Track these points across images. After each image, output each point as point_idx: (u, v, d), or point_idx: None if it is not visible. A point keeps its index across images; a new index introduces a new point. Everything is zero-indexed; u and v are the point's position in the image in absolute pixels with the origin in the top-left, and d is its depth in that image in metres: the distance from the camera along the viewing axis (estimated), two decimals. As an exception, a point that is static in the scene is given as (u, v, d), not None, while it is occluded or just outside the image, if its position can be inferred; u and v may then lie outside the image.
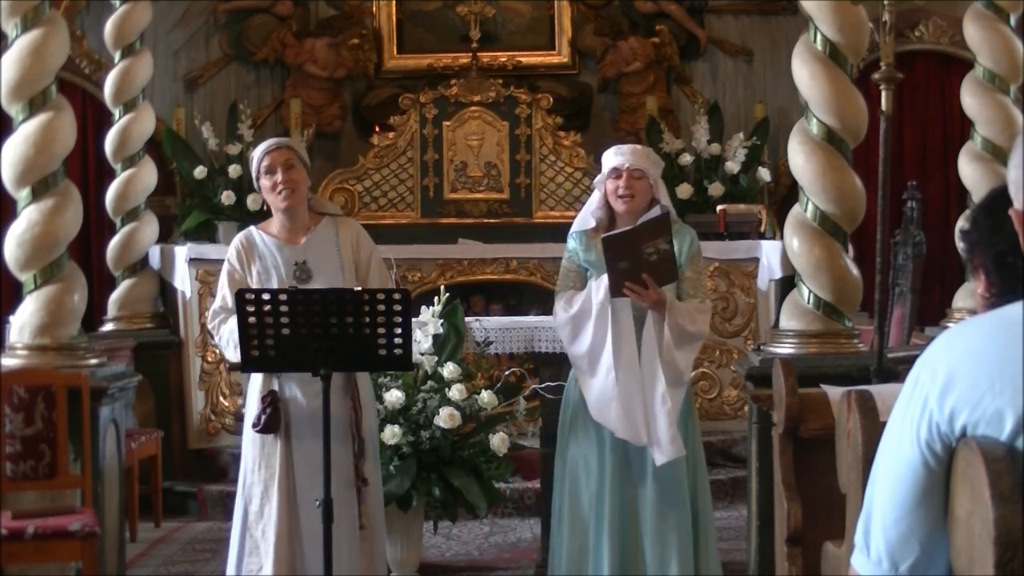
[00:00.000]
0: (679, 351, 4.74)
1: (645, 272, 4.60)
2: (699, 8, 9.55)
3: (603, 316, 4.70)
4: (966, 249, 2.11)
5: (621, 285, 4.61)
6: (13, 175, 5.70)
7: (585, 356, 4.75)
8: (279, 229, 4.81)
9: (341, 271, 4.73)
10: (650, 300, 4.66)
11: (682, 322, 4.72)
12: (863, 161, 7.33)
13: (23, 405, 5.26)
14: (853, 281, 5.42)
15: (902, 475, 1.87)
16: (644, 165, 4.81)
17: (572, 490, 4.81)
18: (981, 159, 6.80)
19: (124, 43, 8.02)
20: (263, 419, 4.61)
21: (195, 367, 8.23)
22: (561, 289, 4.91)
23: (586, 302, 4.76)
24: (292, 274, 4.72)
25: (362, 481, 4.66)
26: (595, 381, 4.73)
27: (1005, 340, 1.77)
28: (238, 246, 4.81)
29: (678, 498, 4.75)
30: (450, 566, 6.47)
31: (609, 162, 4.85)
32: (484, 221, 8.88)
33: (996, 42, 6.73)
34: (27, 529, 4.89)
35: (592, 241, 4.87)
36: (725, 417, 8.32)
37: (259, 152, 4.78)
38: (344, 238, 4.79)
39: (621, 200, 4.79)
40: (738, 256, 8.36)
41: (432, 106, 8.98)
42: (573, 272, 4.91)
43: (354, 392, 4.69)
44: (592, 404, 4.75)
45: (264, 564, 4.60)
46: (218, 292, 4.82)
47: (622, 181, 4.79)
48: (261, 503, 4.64)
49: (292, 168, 4.71)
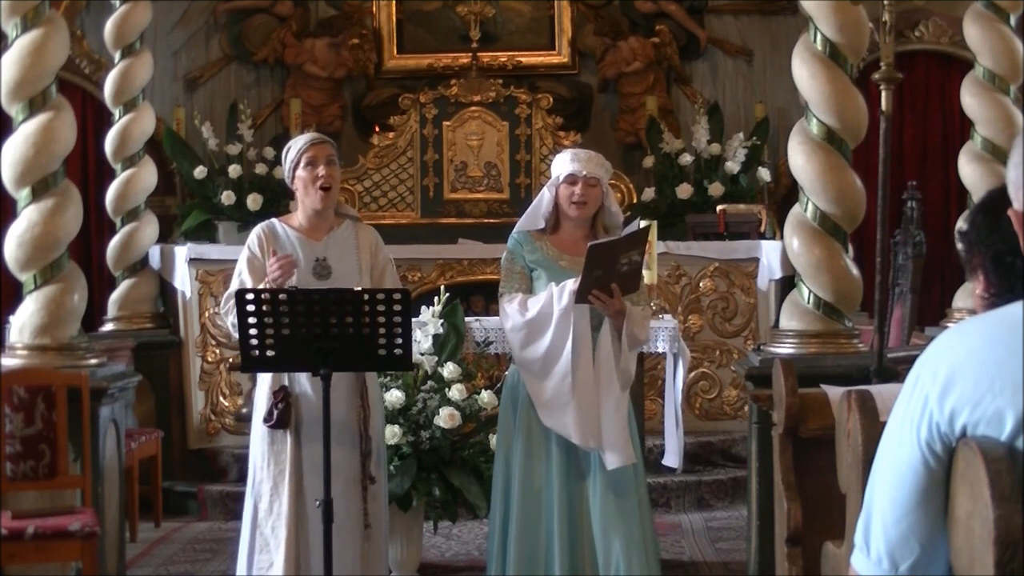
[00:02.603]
0: (631, 357, 4.78)
1: (615, 282, 4.60)
2: (699, 8, 9.55)
3: (564, 321, 4.68)
4: (965, 249, 2.11)
5: (588, 292, 4.61)
6: (13, 175, 5.70)
7: (539, 360, 4.71)
8: (302, 223, 4.81)
9: (359, 273, 4.75)
10: (613, 309, 4.66)
11: (636, 331, 4.74)
12: (863, 161, 7.33)
13: (23, 405, 5.26)
14: (853, 281, 5.43)
15: (902, 475, 1.87)
16: (599, 173, 4.82)
17: (523, 491, 4.78)
18: (981, 159, 6.80)
19: (124, 43, 8.02)
20: (275, 414, 4.61)
21: (195, 367, 8.24)
22: (507, 291, 4.84)
23: (546, 306, 4.71)
24: (312, 269, 4.73)
25: (369, 479, 4.67)
26: (548, 384, 4.70)
27: (1005, 340, 1.77)
28: (260, 234, 4.79)
29: (624, 498, 4.73)
30: (450, 566, 6.47)
31: (565, 168, 4.83)
32: (484, 221, 8.88)
33: (996, 42, 6.73)
34: (27, 529, 4.89)
35: (536, 243, 4.86)
36: (725, 417, 8.32)
37: (301, 143, 4.76)
38: (363, 242, 4.82)
39: (575, 206, 4.79)
40: (738, 256, 8.36)
41: (432, 106, 8.99)
42: (518, 274, 4.86)
43: (363, 391, 4.70)
44: (543, 408, 4.71)
45: (275, 561, 4.60)
46: (234, 278, 4.79)
47: (578, 188, 4.79)
48: (271, 500, 4.64)
49: (333, 164, 4.74)
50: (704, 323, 8.34)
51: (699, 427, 8.10)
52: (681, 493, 7.61)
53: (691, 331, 8.21)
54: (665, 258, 8.03)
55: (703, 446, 7.94)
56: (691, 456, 7.38)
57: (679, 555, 6.57)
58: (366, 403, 4.70)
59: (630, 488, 4.74)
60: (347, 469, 4.61)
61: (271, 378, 4.69)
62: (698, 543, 6.81)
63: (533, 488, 4.76)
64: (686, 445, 6.48)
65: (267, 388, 4.69)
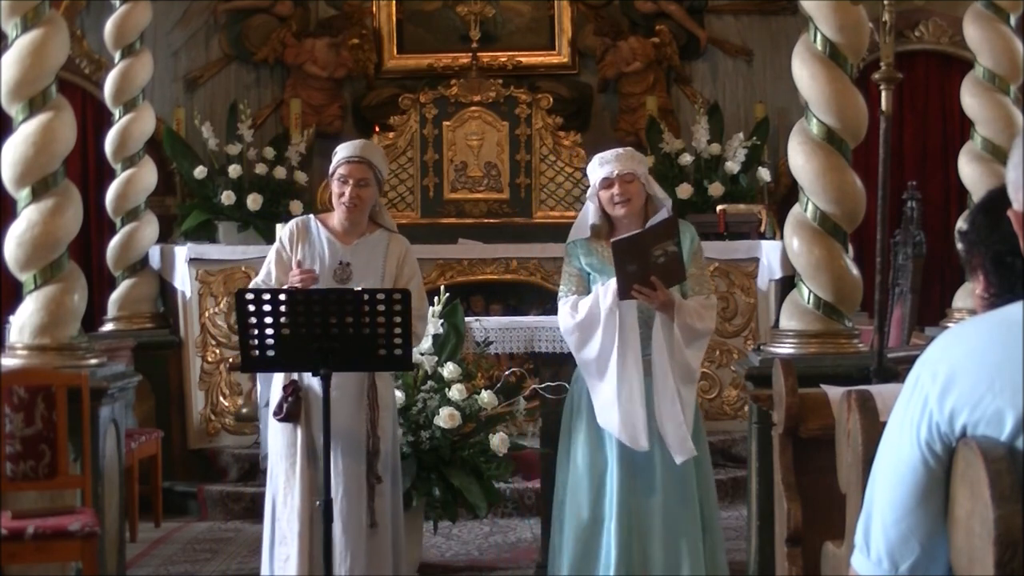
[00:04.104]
0: (689, 349, 4.77)
1: (653, 274, 4.62)
2: (699, 8, 9.54)
3: (611, 321, 4.71)
4: (965, 249, 2.11)
5: (630, 288, 4.63)
6: (13, 175, 5.70)
7: (594, 361, 4.75)
8: (336, 225, 4.90)
9: (380, 282, 4.79)
10: (658, 302, 4.66)
11: (691, 321, 4.73)
12: (863, 161, 7.33)
13: (23, 405, 5.26)
14: (853, 281, 5.42)
15: (902, 475, 1.87)
16: (632, 167, 4.82)
17: (577, 491, 4.80)
18: (981, 159, 6.80)
19: (124, 43, 8.02)
20: (285, 407, 4.69)
21: (195, 367, 8.24)
22: (565, 294, 4.90)
23: (593, 307, 4.75)
24: (333, 271, 4.81)
25: (375, 478, 4.69)
26: (603, 385, 4.74)
27: (1005, 340, 1.77)
28: (292, 228, 4.91)
29: (687, 498, 4.75)
30: (450, 566, 6.47)
31: (597, 173, 4.84)
32: (484, 221, 8.88)
33: (996, 42, 6.73)
34: (27, 529, 4.89)
35: (591, 246, 4.88)
36: (725, 417, 8.33)
37: (341, 155, 4.86)
38: (392, 252, 4.89)
39: (619, 206, 4.80)
40: (738, 256, 8.36)
41: (432, 106, 8.98)
42: (575, 276, 4.91)
43: (371, 390, 4.73)
44: (599, 408, 4.75)
45: (291, 554, 4.67)
46: (262, 269, 4.92)
47: (616, 188, 4.79)
48: (285, 493, 4.72)
49: (365, 187, 4.82)
50: (704, 323, 8.33)
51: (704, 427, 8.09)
52: (681, 493, 7.61)
53: (691, 331, 8.20)
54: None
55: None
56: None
57: (679, 555, 6.56)
58: (375, 403, 4.72)
59: (692, 488, 4.75)
60: (353, 468, 4.65)
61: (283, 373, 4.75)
62: (698, 543, 6.81)
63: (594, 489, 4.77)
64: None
65: (280, 381, 4.77)
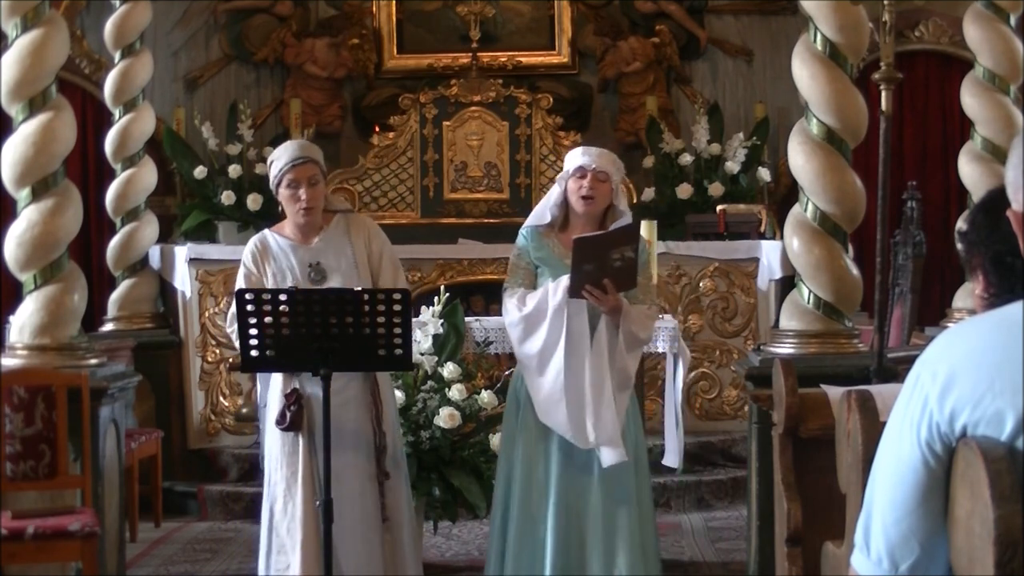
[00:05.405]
0: (629, 355, 4.75)
1: (608, 277, 4.59)
2: (699, 8, 9.54)
3: (559, 317, 4.67)
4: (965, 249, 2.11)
5: (582, 287, 4.60)
6: (13, 175, 5.70)
7: (535, 356, 4.71)
8: (292, 231, 4.81)
9: (356, 268, 4.74)
10: (608, 305, 4.65)
11: (635, 329, 4.71)
12: (863, 161, 7.33)
13: (23, 405, 5.25)
14: (853, 281, 5.42)
15: (902, 475, 1.87)
16: (609, 169, 4.80)
17: (515, 488, 4.78)
18: (981, 159, 6.80)
19: (124, 43, 8.02)
20: (288, 416, 4.61)
21: (195, 367, 8.24)
22: (511, 286, 4.86)
23: (542, 302, 4.72)
24: (307, 275, 4.73)
25: (383, 475, 4.68)
26: (543, 381, 4.70)
27: (1005, 340, 1.77)
28: (253, 249, 4.80)
29: (624, 498, 4.72)
30: (450, 566, 6.47)
31: (575, 161, 4.82)
32: (484, 221, 8.88)
33: (996, 42, 6.73)
34: (27, 529, 4.89)
35: (544, 239, 4.86)
36: (725, 417, 8.32)
37: (283, 162, 4.72)
38: (356, 235, 4.81)
39: (583, 201, 4.77)
40: (738, 256, 8.36)
41: (432, 106, 8.98)
42: (523, 269, 4.88)
43: (374, 387, 4.71)
44: (539, 404, 4.72)
45: (291, 563, 4.61)
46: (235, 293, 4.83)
47: (586, 181, 4.77)
48: (284, 502, 4.65)
49: (315, 185, 4.71)
50: (704, 323, 8.34)
51: (699, 427, 8.10)
52: (681, 493, 7.61)
53: (691, 331, 8.22)
54: (665, 258, 8.03)
55: (703, 446, 7.94)
56: (691, 456, 7.38)
57: (679, 555, 6.57)
58: (378, 400, 4.71)
59: (630, 488, 4.74)
60: (362, 468, 4.63)
61: (282, 380, 4.68)
62: (698, 543, 6.82)
63: (533, 487, 4.76)
64: (686, 445, 6.48)
65: (279, 390, 4.68)
